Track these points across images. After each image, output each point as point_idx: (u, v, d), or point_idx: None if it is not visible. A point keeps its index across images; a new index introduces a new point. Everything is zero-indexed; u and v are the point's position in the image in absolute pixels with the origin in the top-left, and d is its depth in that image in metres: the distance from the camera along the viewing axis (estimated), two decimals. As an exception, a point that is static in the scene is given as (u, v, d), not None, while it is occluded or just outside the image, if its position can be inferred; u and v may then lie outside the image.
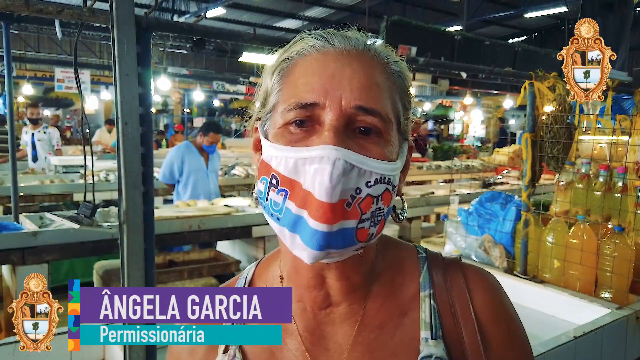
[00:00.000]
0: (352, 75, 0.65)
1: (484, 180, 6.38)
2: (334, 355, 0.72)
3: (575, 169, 2.46)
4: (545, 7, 11.76)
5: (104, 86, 11.58)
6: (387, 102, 0.68)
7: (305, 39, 0.70)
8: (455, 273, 0.75)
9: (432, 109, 14.28)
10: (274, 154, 0.65)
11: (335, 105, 0.63)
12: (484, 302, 0.73)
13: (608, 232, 2.26)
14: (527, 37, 18.18)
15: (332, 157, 0.60)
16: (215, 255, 4.11)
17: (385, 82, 0.68)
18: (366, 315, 0.73)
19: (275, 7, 14.59)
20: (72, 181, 5.94)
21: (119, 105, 1.41)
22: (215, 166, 4.81)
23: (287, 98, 0.66)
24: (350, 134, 0.64)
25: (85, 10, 1.43)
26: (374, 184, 0.63)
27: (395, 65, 0.71)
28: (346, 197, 0.62)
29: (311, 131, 0.65)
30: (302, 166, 0.62)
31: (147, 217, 1.51)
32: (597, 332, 1.94)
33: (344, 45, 0.68)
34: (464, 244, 2.77)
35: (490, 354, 0.70)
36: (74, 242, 3.22)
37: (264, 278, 0.81)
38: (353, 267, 0.71)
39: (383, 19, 6.22)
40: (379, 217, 0.65)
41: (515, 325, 0.76)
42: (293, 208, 0.63)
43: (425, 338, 0.70)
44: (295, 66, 0.68)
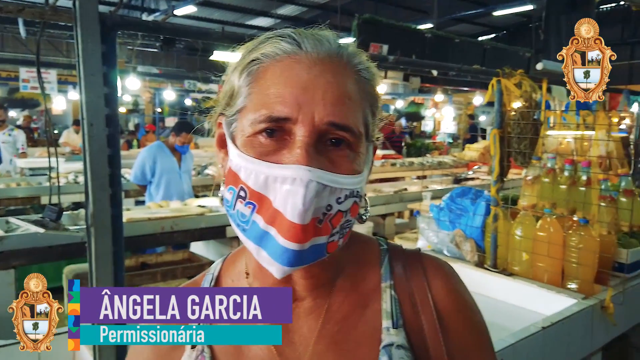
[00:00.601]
0: (325, 88, 0.64)
1: (455, 176, 6.49)
2: (300, 348, 0.73)
3: (542, 164, 2.53)
4: (513, 5, 12.00)
5: (72, 86, 11.31)
6: (359, 115, 0.68)
7: (276, 42, 0.68)
8: (415, 264, 0.78)
9: (405, 106, 14.40)
10: (243, 165, 0.65)
11: (308, 120, 0.63)
12: (441, 291, 0.75)
13: (574, 224, 2.33)
14: (496, 35, 18.51)
15: (305, 179, 0.60)
16: (189, 257, 4.07)
17: (357, 93, 0.68)
18: (330, 308, 0.74)
19: (247, 4, 14.48)
20: (39, 184, 5.78)
21: (84, 106, 1.38)
22: (188, 166, 4.76)
23: (257, 107, 0.65)
24: (321, 147, 0.64)
25: (48, 9, 1.39)
26: (344, 199, 0.64)
27: (366, 72, 0.71)
28: (318, 215, 0.62)
29: (281, 142, 0.64)
30: (273, 183, 0.62)
31: (116, 220, 1.48)
32: (565, 321, 1.99)
33: (316, 51, 0.67)
34: (436, 239, 2.81)
35: (449, 339, 0.73)
36: (41, 247, 3.14)
37: (230, 274, 0.81)
38: (319, 266, 0.71)
39: (355, 17, 6.26)
40: (346, 229, 0.67)
41: (472, 312, 0.78)
42: (261, 223, 0.63)
43: (386, 327, 0.72)
44: (266, 71, 0.66)
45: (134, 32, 4.80)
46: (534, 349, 1.87)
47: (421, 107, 15.71)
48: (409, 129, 15.70)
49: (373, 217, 5.22)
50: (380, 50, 6.12)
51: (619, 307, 2.21)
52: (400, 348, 0.70)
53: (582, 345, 2.16)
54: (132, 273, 3.47)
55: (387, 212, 5.32)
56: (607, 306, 2.16)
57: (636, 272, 2.46)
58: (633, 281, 2.41)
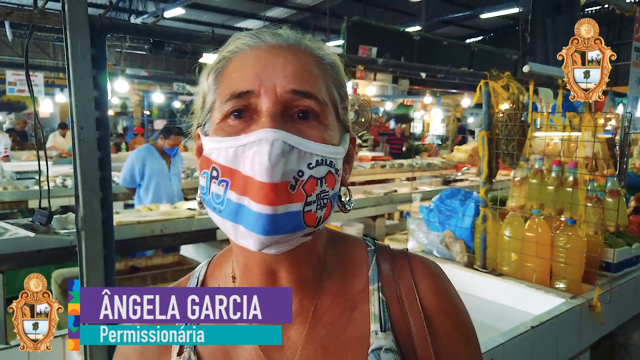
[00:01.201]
0: (285, 63, 0.66)
1: (444, 178, 6.52)
2: (287, 352, 0.72)
3: (529, 165, 2.56)
4: (500, 8, 12.12)
5: (59, 89, 11.21)
6: (322, 87, 0.69)
7: (238, 39, 0.71)
8: (402, 265, 0.77)
9: (394, 108, 14.46)
10: (213, 147, 0.66)
11: (270, 92, 0.64)
12: (428, 291, 0.75)
13: (561, 224, 2.36)
14: (483, 37, 18.68)
15: (270, 138, 0.60)
16: (179, 260, 4.05)
17: (319, 71, 0.69)
18: (317, 311, 0.74)
19: (236, 7, 14.46)
20: (26, 187, 5.72)
21: (74, 109, 1.38)
22: (177, 169, 4.73)
23: (223, 92, 0.67)
24: (288, 119, 0.65)
25: (36, 12, 1.39)
26: (315, 165, 0.64)
27: (328, 57, 0.72)
28: (289, 179, 0.62)
29: (249, 121, 0.65)
30: (242, 153, 0.62)
31: (106, 223, 1.47)
32: (553, 321, 2.02)
33: (275, 41, 0.69)
34: (426, 240, 2.83)
35: (436, 340, 0.73)
36: (30, 251, 3.11)
37: (216, 277, 0.81)
38: (303, 258, 0.72)
39: (344, 20, 6.28)
40: (324, 200, 0.65)
41: (460, 313, 0.78)
42: (234, 197, 0.63)
43: (375, 331, 0.72)
44: (229, 63, 0.69)
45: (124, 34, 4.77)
46: (523, 348, 1.89)
47: (410, 109, 15.79)
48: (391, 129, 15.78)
49: (363, 219, 5.23)
50: (369, 52, 6.15)
51: (607, 306, 2.24)
52: (389, 352, 0.70)
53: (571, 344, 2.19)
54: (121, 277, 3.44)
55: (377, 213, 5.33)
56: (595, 305, 2.19)
57: (623, 272, 2.50)
58: (620, 280, 2.45)
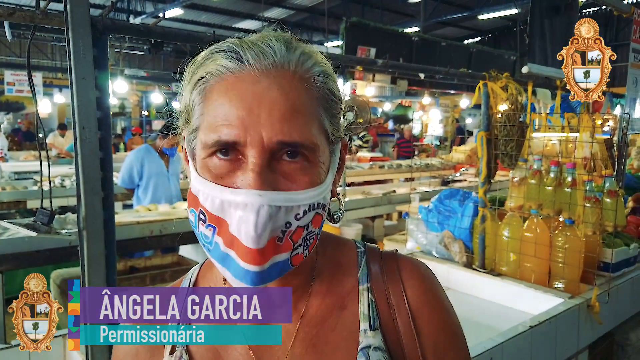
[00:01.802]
0: (271, 105, 0.62)
1: (443, 178, 6.53)
2: (278, 353, 0.73)
3: (528, 166, 2.57)
4: (498, 9, 12.15)
5: (57, 89, 11.20)
6: (313, 125, 0.65)
7: (216, 57, 0.65)
8: (391, 265, 0.79)
9: (392, 109, 14.47)
10: (200, 189, 0.65)
11: (257, 142, 0.61)
12: (415, 291, 0.77)
13: (559, 225, 2.37)
14: (482, 38, 18.71)
15: (256, 204, 0.60)
16: (178, 260, 4.04)
17: (308, 102, 0.65)
18: (307, 312, 0.75)
19: (234, 7, 14.46)
20: (25, 188, 5.71)
21: (75, 109, 1.38)
22: (176, 169, 4.73)
23: (207, 131, 0.64)
24: (275, 164, 0.63)
25: (39, 13, 1.39)
26: (302, 215, 0.64)
27: (318, 75, 0.68)
28: (276, 234, 0.62)
29: (236, 163, 0.63)
30: (228, 208, 0.62)
31: (108, 223, 1.48)
32: (552, 321, 2.03)
33: (259, 64, 0.64)
34: (425, 240, 2.83)
35: (423, 339, 0.74)
36: (28, 251, 3.10)
37: (207, 280, 0.81)
38: (292, 274, 0.71)
39: (342, 21, 6.29)
40: (311, 240, 0.66)
41: (446, 312, 0.79)
42: (221, 245, 0.63)
43: (364, 330, 0.73)
44: (212, 91, 0.65)
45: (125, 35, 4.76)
46: (522, 348, 1.90)
47: (408, 110, 15.79)
48: (396, 131, 15.78)
49: (362, 219, 5.24)
50: (367, 53, 6.16)
51: (605, 306, 2.25)
52: (378, 350, 0.71)
53: (569, 343, 2.20)
54: (120, 277, 3.44)
55: (376, 214, 5.34)
56: (593, 305, 2.20)
57: (621, 272, 2.52)
58: (618, 280, 2.46)
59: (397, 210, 5.43)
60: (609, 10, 3.06)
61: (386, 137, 13.48)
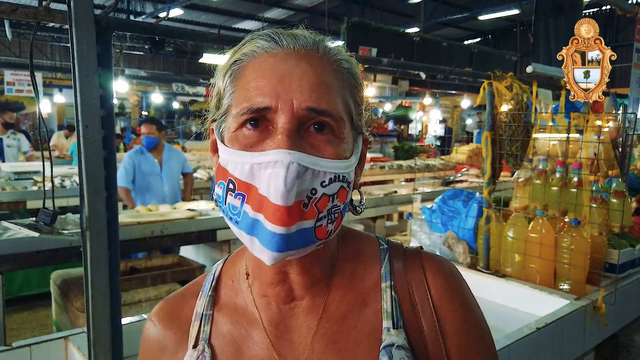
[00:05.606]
0: (301, 76, 0.66)
1: (444, 179, 6.52)
2: (298, 348, 0.74)
3: (533, 166, 2.55)
4: (499, 9, 12.14)
5: (57, 89, 11.18)
6: (338, 100, 0.68)
7: (254, 41, 0.70)
8: (414, 263, 0.78)
9: (393, 109, 14.46)
10: (230, 159, 0.66)
11: (287, 108, 0.64)
12: (440, 290, 0.75)
13: (565, 225, 2.35)
14: (482, 39, 18.72)
15: (285, 161, 0.61)
16: (179, 261, 4.02)
17: (335, 81, 0.69)
18: (328, 307, 0.75)
19: (234, 8, 14.45)
20: (25, 188, 5.68)
21: (79, 108, 1.36)
22: (170, 169, 4.71)
23: (239, 102, 0.67)
24: (303, 133, 0.65)
25: (41, 10, 1.37)
26: (328, 183, 0.65)
27: (345, 63, 0.72)
28: (302, 199, 0.63)
29: (265, 132, 0.66)
30: (258, 171, 0.63)
31: (111, 223, 1.46)
32: (558, 322, 2.01)
33: (292, 45, 0.69)
34: (429, 241, 2.82)
35: (448, 340, 0.73)
36: (29, 252, 3.08)
37: (230, 274, 0.83)
38: (314, 261, 0.73)
39: (343, 21, 6.28)
40: (335, 214, 0.67)
41: (472, 311, 0.78)
42: (250, 212, 0.64)
43: (387, 328, 0.72)
44: (246, 68, 0.69)
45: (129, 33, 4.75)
46: (528, 350, 1.88)
47: (409, 110, 15.79)
48: (397, 132, 15.78)
49: (363, 220, 5.23)
50: (369, 53, 6.14)
51: (610, 308, 2.23)
52: (401, 349, 0.70)
53: (575, 345, 2.18)
54: (121, 278, 3.41)
55: (377, 214, 5.33)
56: (600, 306, 2.18)
57: (627, 273, 2.50)
58: (624, 281, 2.44)
59: (398, 211, 5.41)
60: (609, 10, 3.05)
61: (386, 137, 13.48)
